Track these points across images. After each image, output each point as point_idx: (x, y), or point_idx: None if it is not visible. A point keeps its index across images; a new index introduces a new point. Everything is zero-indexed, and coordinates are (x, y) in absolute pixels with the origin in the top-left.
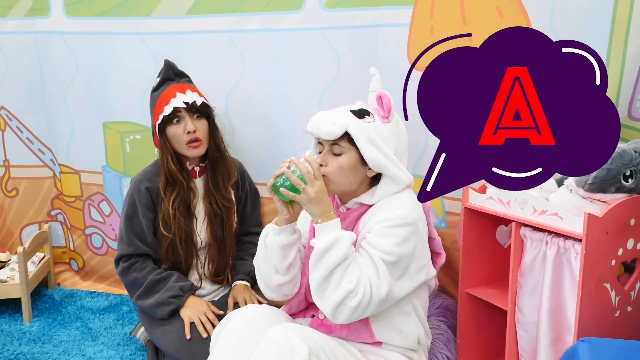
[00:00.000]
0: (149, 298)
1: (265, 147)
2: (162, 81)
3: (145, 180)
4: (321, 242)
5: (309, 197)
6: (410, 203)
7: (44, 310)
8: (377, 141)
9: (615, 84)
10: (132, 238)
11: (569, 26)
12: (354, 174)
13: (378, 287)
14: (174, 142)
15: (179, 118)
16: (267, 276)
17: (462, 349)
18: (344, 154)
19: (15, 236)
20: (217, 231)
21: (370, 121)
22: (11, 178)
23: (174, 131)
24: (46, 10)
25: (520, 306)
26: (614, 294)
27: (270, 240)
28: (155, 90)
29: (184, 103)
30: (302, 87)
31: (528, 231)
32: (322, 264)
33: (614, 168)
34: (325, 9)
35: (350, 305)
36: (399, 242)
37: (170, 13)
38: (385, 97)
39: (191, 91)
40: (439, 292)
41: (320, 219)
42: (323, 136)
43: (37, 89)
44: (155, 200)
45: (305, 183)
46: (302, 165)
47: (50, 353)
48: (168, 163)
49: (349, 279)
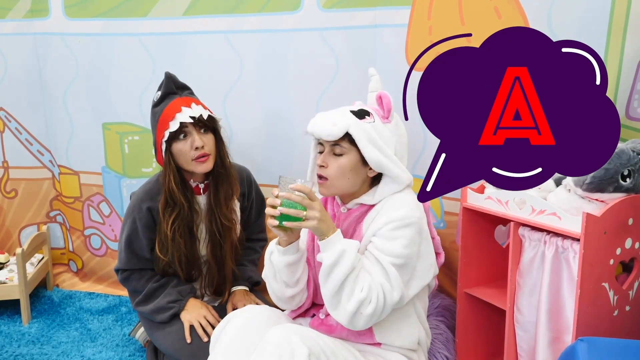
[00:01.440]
0: (149, 304)
1: (263, 148)
2: (164, 95)
3: (147, 199)
4: (328, 257)
5: (315, 218)
6: (411, 202)
7: (42, 311)
8: (377, 141)
9: (613, 84)
10: (130, 255)
11: (567, 26)
12: (355, 175)
13: (391, 293)
14: (180, 159)
15: (185, 133)
16: (279, 292)
17: (461, 348)
18: (345, 154)
19: (14, 237)
20: (216, 251)
21: (371, 121)
22: (10, 179)
23: (180, 147)
24: (45, 11)
25: (518, 306)
26: (612, 294)
27: (276, 259)
28: (157, 105)
29: (190, 117)
30: (300, 87)
31: (526, 231)
32: (332, 278)
33: (612, 167)
34: (323, 10)
35: (365, 313)
36: (407, 243)
37: (167, 14)
38: (386, 97)
39: (196, 104)
40: (437, 292)
41: (327, 235)
42: (324, 137)
43: (36, 90)
44: (157, 219)
45: (304, 209)
46: (294, 196)
47: (50, 354)
48: (170, 182)
49: (360, 287)
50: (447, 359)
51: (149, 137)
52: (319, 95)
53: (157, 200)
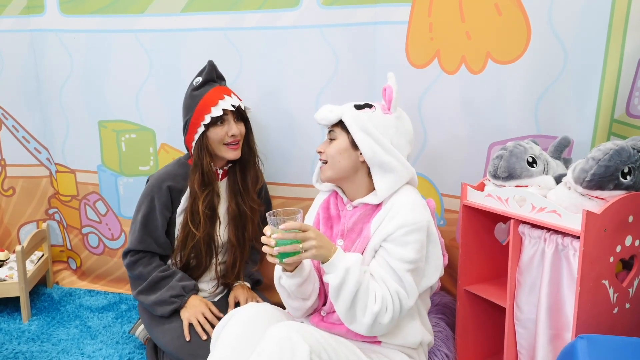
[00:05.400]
0: (151, 295)
1: (263, 143)
2: (205, 81)
3: (168, 179)
4: (334, 278)
5: (313, 247)
6: (420, 204)
7: (42, 308)
8: (370, 129)
9: (614, 81)
10: (144, 236)
11: (567, 23)
12: (347, 158)
13: (407, 299)
14: (214, 143)
15: (223, 120)
16: (300, 307)
17: (460, 346)
18: (337, 139)
19: (13, 235)
20: (239, 233)
21: (369, 112)
22: (7, 177)
23: (218, 132)
24: (41, 8)
25: (518, 303)
26: (612, 291)
27: (286, 282)
28: (197, 89)
29: (231, 106)
30: (299, 85)
31: (526, 228)
32: (342, 297)
33: (612, 165)
34: (322, 6)
35: (384, 322)
36: (419, 247)
37: (164, 10)
38: (389, 88)
39: (234, 94)
40: (437, 290)
41: (328, 257)
42: (320, 121)
43: (32, 87)
44: (175, 200)
45: (300, 242)
46: (287, 234)
47: (49, 352)
48: (207, 164)
49: (372, 299)
50: (446, 356)
51: (146, 135)
52: (318, 93)
53: (177, 181)
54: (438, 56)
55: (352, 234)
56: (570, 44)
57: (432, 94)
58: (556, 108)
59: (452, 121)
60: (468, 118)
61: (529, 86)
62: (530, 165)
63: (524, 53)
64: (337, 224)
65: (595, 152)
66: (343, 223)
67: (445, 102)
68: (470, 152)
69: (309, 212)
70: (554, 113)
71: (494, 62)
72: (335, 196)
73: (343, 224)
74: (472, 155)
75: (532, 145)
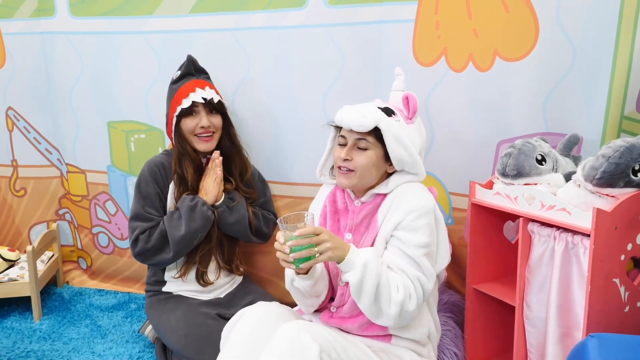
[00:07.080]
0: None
1: (270, 142)
2: (183, 75)
3: (159, 161)
4: (353, 275)
5: (328, 249)
6: (423, 189)
7: (53, 308)
8: (404, 140)
9: (623, 77)
10: (140, 200)
11: (576, 20)
12: (377, 170)
13: (427, 284)
14: (186, 133)
15: (195, 112)
16: (312, 306)
17: (469, 345)
18: (370, 149)
19: (24, 235)
20: None
21: (397, 120)
22: (19, 178)
23: (187, 123)
24: (51, 10)
25: (528, 302)
26: (623, 290)
27: (299, 284)
28: (175, 82)
29: (202, 98)
30: (306, 84)
31: (536, 227)
32: (365, 293)
33: (622, 162)
34: (328, 6)
35: (410, 309)
36: (430, 231)
37: (173, 12)
38: (412, 98)
39: (209, 88)
40: (446, 288)
41: (344, 257)
42: (355, 128)
43: (43, 89)
44: (164, 177)
45: (314, 246)
46: (301, 240)
47: (60, 350)
48: (191, 151)
49: (395, 289)
50: (455, 355)
51: (156, 135)
52: (325, 92)
53: (168, 161)
54: (445, 54)
55: (360, 228)
56: (579, 40)
57: (439, 92)
58: (565, 105)
59: (459, 119)
60: (476, 116)
61: (537, 83)
62: (540, 163)
63: (532, 50)
64: (344, 217)
65: (605, 149)
66: (351, 218)
67: (453, 100)
68: (478, 150)
69: (314, 204)
70: (563, 110)
71: (501, 59)
72: (342, 190)
73: (351, 219)
74: (480, 153)
75: (541, 142)
